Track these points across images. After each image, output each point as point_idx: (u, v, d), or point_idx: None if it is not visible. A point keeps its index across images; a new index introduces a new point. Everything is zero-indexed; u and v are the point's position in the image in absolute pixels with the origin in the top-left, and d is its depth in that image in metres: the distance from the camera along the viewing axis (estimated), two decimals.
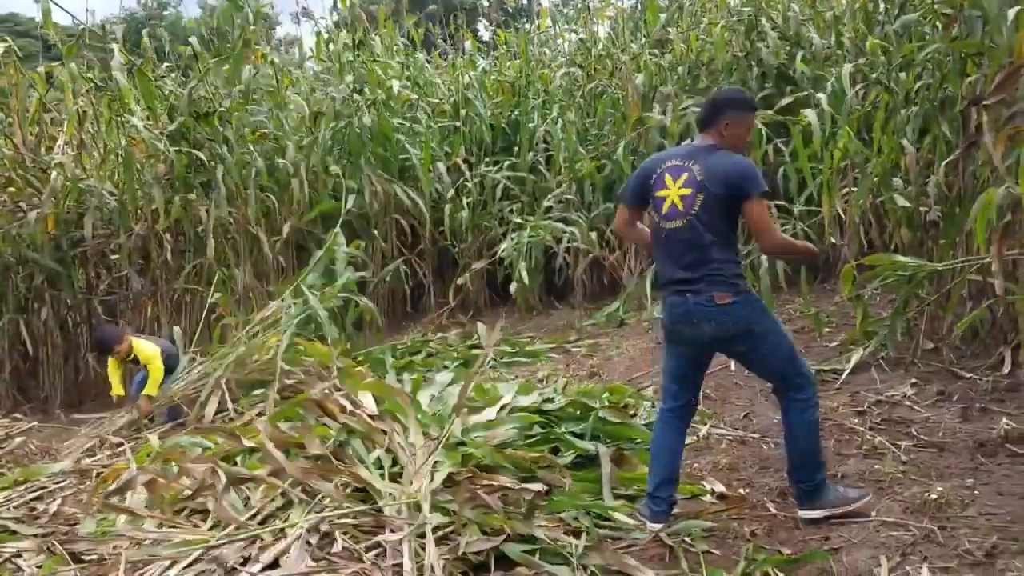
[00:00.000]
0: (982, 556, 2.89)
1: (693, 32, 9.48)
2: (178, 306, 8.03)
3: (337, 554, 2.98)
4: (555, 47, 12.21)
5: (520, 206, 9.51)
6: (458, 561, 3.02)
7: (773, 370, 3.39)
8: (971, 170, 5.19)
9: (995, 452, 3.91)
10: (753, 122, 3.62)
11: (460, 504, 3.29)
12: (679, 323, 3.35)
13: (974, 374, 4.93)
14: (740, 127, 3.42)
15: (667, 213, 3.36)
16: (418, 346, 7.67)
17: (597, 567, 3.04)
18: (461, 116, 10.11)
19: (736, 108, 3.41)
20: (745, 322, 3.26)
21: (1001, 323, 5.10)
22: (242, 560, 2.87)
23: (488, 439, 4.03)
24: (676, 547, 3.17)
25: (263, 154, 8.40)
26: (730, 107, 3.41)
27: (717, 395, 5.35)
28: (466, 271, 9.21)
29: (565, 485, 3.70)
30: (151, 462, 4.21)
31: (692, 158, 3.36)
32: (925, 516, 3.27)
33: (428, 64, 11.63)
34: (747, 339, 3.30)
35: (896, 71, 6.56)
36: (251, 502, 3.39)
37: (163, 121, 7.96)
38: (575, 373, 6.27)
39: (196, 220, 7.96)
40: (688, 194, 3.29)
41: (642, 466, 3.99)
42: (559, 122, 9.48)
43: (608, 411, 4.56)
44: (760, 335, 3.29)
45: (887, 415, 4.49)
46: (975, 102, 5.08)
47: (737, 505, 3.59)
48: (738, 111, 3.41)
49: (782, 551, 3.10)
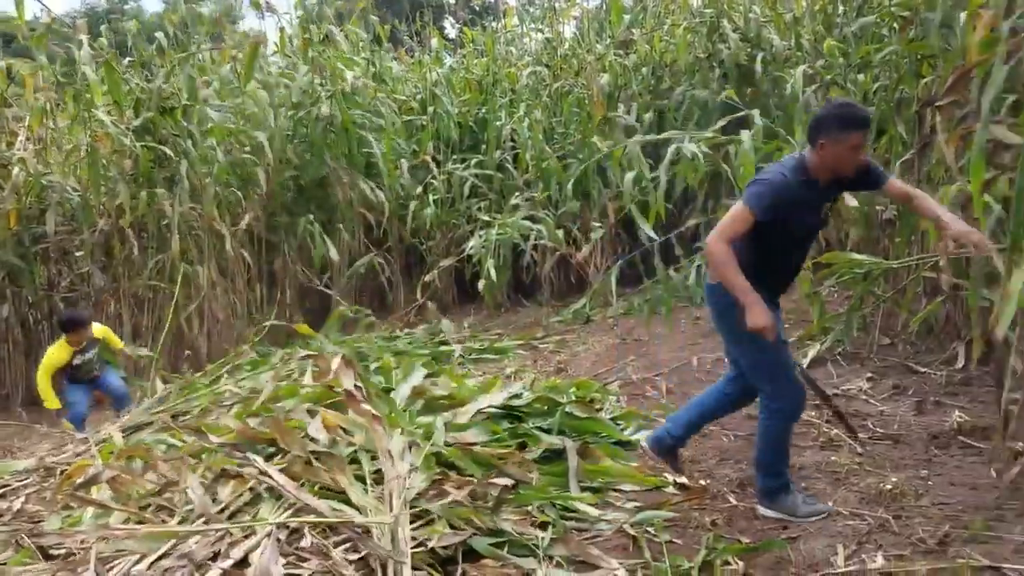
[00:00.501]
0: (935, 544, 2.99)
1: (656, 33, 9.61)
2: (140, 303, 7.97)
3: (306, 549, 3.00)
4: (521, 46, 12.27)
5: (488, 204, 9.56)
6: (426, 554, 3.06)
7: (745, 366, 3.47)
8: (926, 169, 5.33)
9: (948, 444, 4.05)
10: (858, 141, 3.11)
11: (429, 500, 3.34)
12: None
13: (928, 369, 5.08)
14: (838, 148, 3.09)
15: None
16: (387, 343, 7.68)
17: (563, 558, 3.10)
18: (429, 113, 10.13)
19: (831, 127, 3.09)
20: (716, 306, 3.37)
21: (955, 319, 5.26)
22: (211, 556, 2.89)
23: (459, 439, 4.07)
24: (639, 537, 3.24)
25: (226, 149, 8.36)
26: (824, 125, 3.10)
27: (678, 389, 5.45)
28: (434, 268, 9.25)
29: (532, 479, 3.76)
30: (116, 459, 4.19)
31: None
32: (880, 506, 3.37)
33: (394, 60, 11.63)
34: (720, 326, 3.44)
35: (854, 72, 6.72)
36: (219, 497, 3.40)
37: (128, 116, 7.89)
38: (542, 369, 6.34)
39: (160, 216, 7.90)
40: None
41: (607, 459, 4.07)
42: (526, 120, 9.55)
43: (575, 406, 4.63)
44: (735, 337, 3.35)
45: (844, 408, 4.61)
46: (930, 103, 5.23)
47: (698, 496, 3.67)
48: (833, 131, 3.08)
49: (741, 540, 3.19)
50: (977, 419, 4.21)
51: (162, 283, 7.99)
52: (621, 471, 3.95)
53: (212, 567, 2.80)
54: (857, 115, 3.12)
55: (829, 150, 3.10)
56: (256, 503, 3.35)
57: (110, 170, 7.72)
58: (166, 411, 5.92)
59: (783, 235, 3.21)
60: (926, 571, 2.76)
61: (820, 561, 2.96)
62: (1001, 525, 3.09)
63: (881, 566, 2.84)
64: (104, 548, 2.96)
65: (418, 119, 10.37)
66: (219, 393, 6.02)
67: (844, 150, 3.10)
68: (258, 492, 3.39)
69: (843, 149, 3.10)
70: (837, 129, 3.07)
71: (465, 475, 3.69)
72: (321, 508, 3.13)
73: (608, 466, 4.00)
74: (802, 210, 3.21)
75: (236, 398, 5.76)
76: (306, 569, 2.88)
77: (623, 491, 3.78)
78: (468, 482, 3.58)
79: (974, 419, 4.21)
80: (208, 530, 3.04)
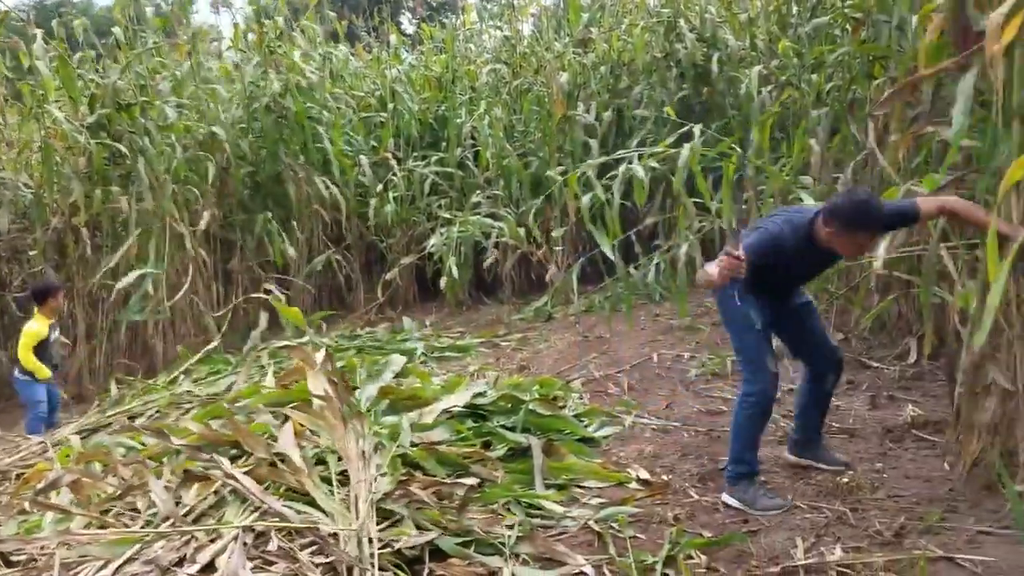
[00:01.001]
0: (891, 536, 3.08)
1: (615, 32, 9.68)
2: (95, 303, 7.83)
3: (272, 553, 2.99)
4: (480, 43, 12.27)
5: (448, 201, 9.55)
6: (393, 555, 3.07)
7: (733, 350, 3.83)
8: (878, 169, 5.46)
9: (902, 437, 4.16)
10: (866, 240, 3.33)
11: (395, 501, 3.34)
12: None
13: (882, 364, 5.21)
14: (844, 239, 3.21)
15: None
16: (348, 341, 7.65)
17: (529, 555, 3.14)
18: (389, 110, 10.08)
19: (843, 219, 3.16)
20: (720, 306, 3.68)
21: (906, 315, 5.40)
22: (177, 560, 2.86)
23: (424, 439, 4.08)
24: (604, 533, 3.29)
25: (183, 146, 8.24)
26: (838, 214, 3.16)
27: (640, 386, 5.52)
28: (395, 266, 9.22)
29: (498, 478, 3.78)
30: (75, 462, 4.12)
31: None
32: (837, 499, 3.46)
33: (352, 56, 11.55)
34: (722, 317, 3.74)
35: (807, 73, 6.84)
36: (184, 501, 3.37)
37: (83, 112, 7.73)
38: (505, 367, 6.37)
39: (115, 214, 7.77)
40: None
41: (571, 456, 4.11)
42: (486, 118, 9.55)
43: (538, 404, 4.67)
44: (726, 324, 3.69)
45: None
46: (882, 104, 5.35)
47: (661, 491, 3.73)
48: (844, 223, 3.16)
49: (704, 534, 3.25)
50: (930, 413, 4.34)
51: (117, 282, 7.86)
52: (585, 468, 4.00)
53: (178, 572, 2.78)
54: (871, 219, 3.20)
55: (835, 237, 3.22)
56: (221, 506, 3.32)
57: (64, 167, 7.56)
58: (123, 413, 5.85)
59: (781, 271, 3.41)
60: (883, 562, 2.84)
61: (780, 554, 3.04)
62: (955, 516, 3.20)
63: (839, 558, 2.92)
64: (67, 554, 2.91)
65: (377, 116, 10.31)
66: (177, 395, 5.96)
67: (849, 243, 3.26)
68: (223, 495, 3.36)
69: (848, 242, 3.24)
70: (848, 224, 3.17)
71: (431, 475, 3.71)
72: (287, 513, 3.12)
73: (573, 463, 4.04)
74: (801, 258, 3.41)
75: (196, 400, 5.71)
76: (273, 573, 2.86)
77: (588, 488, 3.82)
78: (434, 482, 3.60)
79: (926, 413, 4.34)
80: (173, 533, 3.01)
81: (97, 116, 7.59)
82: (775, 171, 6.38)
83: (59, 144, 7.64)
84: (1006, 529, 3.02)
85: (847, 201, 3.21)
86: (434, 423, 4.32)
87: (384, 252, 9.69)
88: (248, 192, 9.22)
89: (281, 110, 9.01)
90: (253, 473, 3.43)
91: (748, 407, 3.51)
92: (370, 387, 4.88)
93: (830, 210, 3.22)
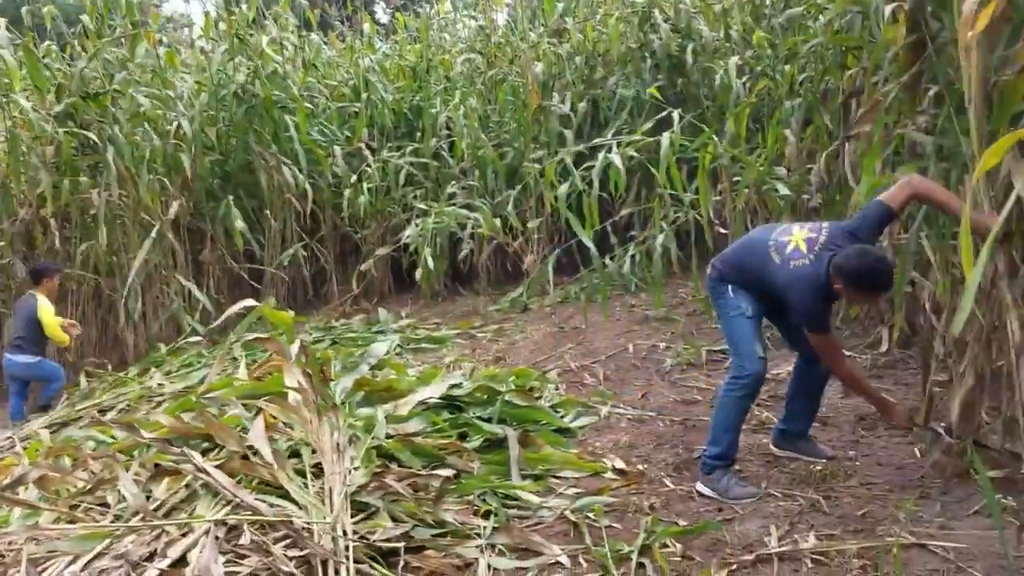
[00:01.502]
0: (864, 522, 3.11)
1: (589, 22, 9.66)
2: (64, 295, 7.70)
3: (245, 546, 2.96)
4: (455, 33, 12.19)
5: (424, 192, 9.50)
6: (368, 548, 3.05)
7: (726, 338, 3.80)
8: (850, 160, 5.49)
9: (874, 426, 4.21)
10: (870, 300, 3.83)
11: (370, 493, 3.32)
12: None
13: (854, 352, 5.25)
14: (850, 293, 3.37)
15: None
16: (323, 333, 7.60)
17: (505, 546, 3.13)
18: (363, 100, 9.99)
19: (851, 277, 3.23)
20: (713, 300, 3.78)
21: (878, 304, 5.44)
22: (148, 555, 2.82)
23: (399, 431, 4.05)
24: (580, 523, 3.29)
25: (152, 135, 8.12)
26: (845, 272, 3.23)
27: (616, 376, 5.53)
28: (370, 257, 9.15)
29: (474, 469, 3.77)
30: (43, 457, 4.05)
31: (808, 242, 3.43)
32: (811, 487, 3.49)
33: (325, 45, 11.43)
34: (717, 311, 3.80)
35: (781, 63, 6.86)
36: (154, 495, 3.32)
37: (50, 101, 7.58)
38: (481, 358, 6.35)
39: (85, 205, 7.65)
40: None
41: (547, 447, 4.11)
42: (461, 108, 9.50)
43: (514, 395, 4.66)
44: (720, 314, 3.72)
45: (774, 392, 4.75)
46: (854, 94, 5.38)
47: (636, 481, 3.74)
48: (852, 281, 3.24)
49: (679, 523, 3.26)
50: (901, 401, 4.37)
51: (87, 273, 7.75)
52: (561, 458, 4.00)
53: (149, 567, 2.74)
54: (879, 282, 3.28)
55: (844, 291, 3.32)
56: (192, 500, 3.28)
57: (31, 157, 7.41)
58: (93, 406, 5.77)
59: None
60: (856, 549, 2.87)
61: (754, 541, 3.06)
62: (926, 503, 3.24)
63: (813, 545, 2.94)
64: (35, 549, 2.86)
65: (351, 106, 10.22)
66: (149, 388, 5.89)
67: (856, 297, 3.53)
68: (195, 489, 3.32)
69: (855, 296, 3.49)
70: (857, 285, 3.26)
71: (406, 467, 3.69)
72: (259, 507, 3.08)
73: (548, 454, 4.04)
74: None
75: (167, 393, 5.64)
76: (246, 567, 2.84)
77: (564, 478, 3.83)
78: (410, 474, 3.58)
79: (898, 401, 4.37)
80: (144, 527, 2.97)
81: (65, 105, 7.45)
82: (750, 161, 6.41)
83: (26, 134, 7.49)
84: (977, 515, 3.07)
85: (858, 263, 3.21)
86: (410, 415, 4.29)
87: (359, 243, 9.62)
88: (218, 182, 9.10)
89: (250, 98, 8.89)
90: (225, 466, 3.39)
91: (738, 389, 3.53)
92: (345, 379, 4.84)
93: (839, 269, 3.24)
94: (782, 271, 3.41)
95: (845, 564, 2.80)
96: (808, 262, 3.35)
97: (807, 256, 3.37)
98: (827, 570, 2.80)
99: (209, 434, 3.73)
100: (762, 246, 3.53)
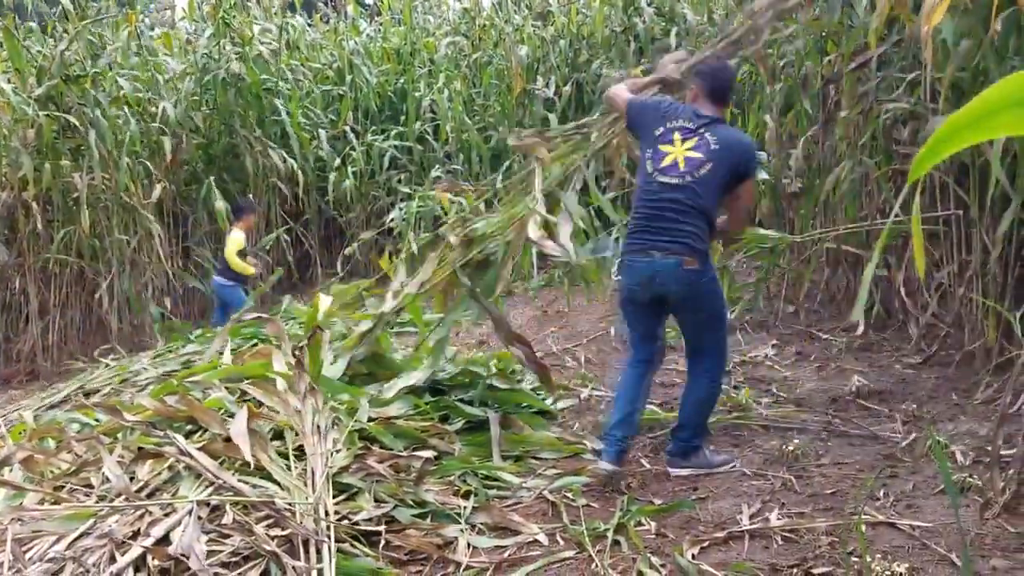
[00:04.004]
0: (833, 501, 3.19)
1: (574, 5, 9.66)
2: (48, 279, 7.70)
3: (228, 526, 3.00)
4: (439, 15, 12.16)
5: (408, 176, 9.51)
6: (349, 528, 3.10)
7: (700, 340, 3.63)
8: (829, 144, 5.56)
9: (847, 407, 4.29)
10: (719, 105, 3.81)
11: (352, 474, 3.37)
12: (642, 284, 3.47)
13: (830, 335, 5.34)
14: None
15: (665, 167, 3.43)
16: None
17: (485, 525, 3.20)
18: (347, 83, 9.97)
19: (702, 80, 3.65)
20: (700, 291, 3.48)
21: (855, 287, 5.52)
22: (131, 534, 2.86)
23: (381, 414, 4.10)
24: (558, 502, 3.36)
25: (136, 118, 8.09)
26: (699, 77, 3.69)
27: (597, 359, 5.60)
28: (354, 241, 9.17)
29: (455, 450, 3.83)
30: (27, 439, 4.07)
31: (705, 128, 3.43)
32: (783, 466, 3.57)
33: (309, 27, 11.38)
34: (695, 305, 3.52)
35: (763, 48, 6.88)
36: (138, 476, 3.36)
37: (31, 84, 7.54)
38: (464, 342, 6.40)
39: (67, 188, 7.62)
40: (696, 158, 3.38)
41: (528, 428, 4.17)
42: (446, 92, 9.50)
43: (496, 378, 4.71)
44: (706, 308, 3.55)
45: (750, 374, 4.83)
46: (833, 80, 5.44)
47: None
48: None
49: (654, 502, 3.34)
50: (875, 383, 4.47)
51: (70, 257, 7.74)
52: (541, 439, 4.06)
53: (133, 545, 2.79)
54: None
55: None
56: (175, 481, 3.31)
57: (12, 140, 7.38)
58: (78, 389, 5.78)
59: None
60: (825, 527, 2.95)
61: (727, 519, 3.12)
62: (895, 482, 3.32)
63: (783, 523, 3.01)
64: (20, 530, 2.90)
65: (336, 89, 10.20)
66: (134, 371, 5.90)
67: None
68: (177, 471, 3.36)
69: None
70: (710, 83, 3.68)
71: (388, 449, 3.74)
72: (241, 488, 3.13)
73: (529, 435, 4.11)
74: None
75: (151, 376, 5.65)
76: (228, 545, 2.88)
77: (543, 459, 3.89)
78: (391, 455, 3.63)
79: (872, 383, 4.46)
80: (127, 507, 3.01)
81: (46, 87, 7.41)
82: None
83: (6, 116, 7.45)
84: (942, 494, 3.15)
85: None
86: (392, 398, 4.34)
87: (343, 227, 9.63)
88: (203, 165, 9.08)
89: (236, 81, 8.86)
90: (208, 448, 3.43)
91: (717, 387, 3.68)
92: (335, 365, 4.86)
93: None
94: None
95: (814, 541, 2.87)
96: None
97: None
98: (796, 547, 2.87)
99: (192, 417, 3.77)
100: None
